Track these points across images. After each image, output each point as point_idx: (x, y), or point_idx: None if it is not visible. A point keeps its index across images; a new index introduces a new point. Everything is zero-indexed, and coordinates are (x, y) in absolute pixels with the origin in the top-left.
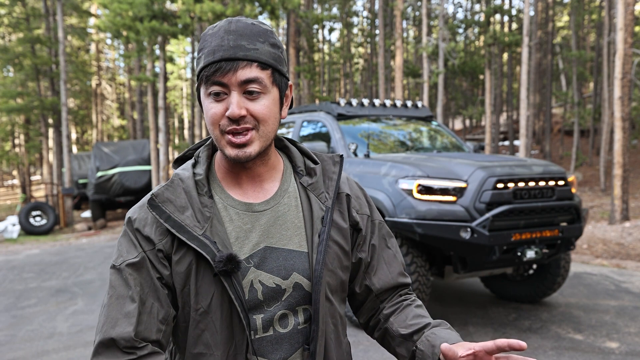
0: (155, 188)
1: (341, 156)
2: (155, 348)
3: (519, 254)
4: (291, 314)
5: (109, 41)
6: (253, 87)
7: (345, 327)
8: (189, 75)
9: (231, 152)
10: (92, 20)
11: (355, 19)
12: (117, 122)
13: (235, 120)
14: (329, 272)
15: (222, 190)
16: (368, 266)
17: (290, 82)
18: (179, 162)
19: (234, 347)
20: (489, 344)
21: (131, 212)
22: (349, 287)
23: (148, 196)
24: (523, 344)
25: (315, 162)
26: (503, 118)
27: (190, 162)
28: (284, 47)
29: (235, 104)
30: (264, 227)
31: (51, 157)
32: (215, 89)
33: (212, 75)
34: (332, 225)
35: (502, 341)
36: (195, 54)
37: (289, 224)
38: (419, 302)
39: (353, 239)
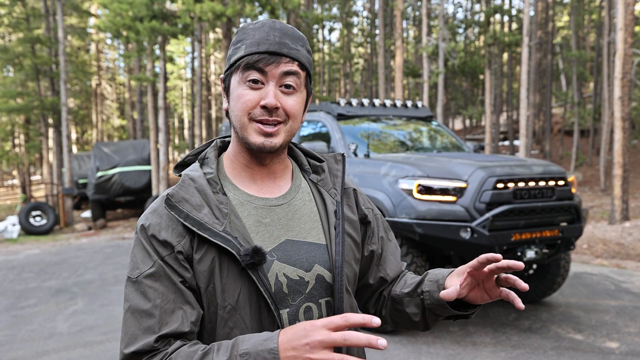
0: (167, 190)
1: (343, 154)
2: (184, 341)
3: (519, 254)
4: (315, 306)
5: (109, 41)
6: (290, 81)
7: None
8: (189, 75)
9: (257, 139)
10: (92, 20)
11: (355, 19)
12: (117, 122)
13: (269, 110)
14: (346, 264)
15: (235, 187)
16: (380, 258)
17: (312, 91)
18: (179, 168)
19: None
20: (473, 262)
21: (143, 220)
22: (361, 280)
23: (160, 200)
24: (498, 256)
25: (320, 161)
26: (503, 118)
27: (195, 164)
28: None
29: (273, 94)
30: (283, 220)
31: (51, 157)
32: (254, 75)
33: (255, 63)
34: (345, 218)
35: (482, 257)
36: (196, 53)
37: (306, 218)
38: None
39: (362, 232)
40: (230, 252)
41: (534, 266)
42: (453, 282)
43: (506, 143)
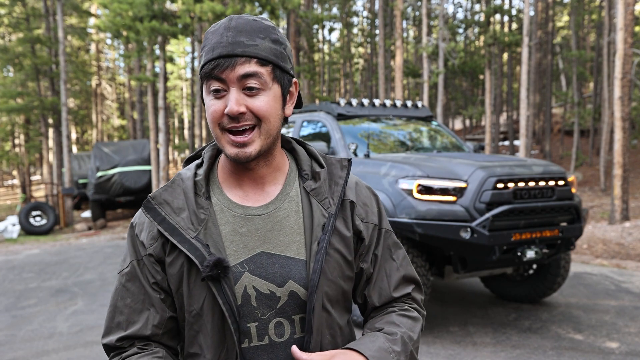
0: (156, 189)
1: (349, 160)
2: (143, 347)
3: (519, 254)
4: (287, 323)
5: (109, 41)
6: (251, 83)
7: (347, 338)
8: (189, 75)
9: (231, 151)
10: (92, 20)
11: (355, 19)
12: (117, 122)
13: (234, 117)
14: (328, 282)
15: (221, 192)
16: (370, 277)
17: (295, 80)
18: (189, 161)
19: (225, 351)
20: None
21: (134, 218)
22: (352, 297)
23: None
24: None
25: (321, 166)
26: (503, 118)
27: (197, 161)
28: (288, 44)
29: (234, 101)
30: (261, 232)
31: (51, 157)
32: (215, 85)
33: (210, 71)
34: (334, 233)
35: None
36: (196, 53)
37: (288, 230)
38: (412, 312)
39: (356, 247)
40: (194, 260)
41: (534, 266)
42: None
43: (506, 143)
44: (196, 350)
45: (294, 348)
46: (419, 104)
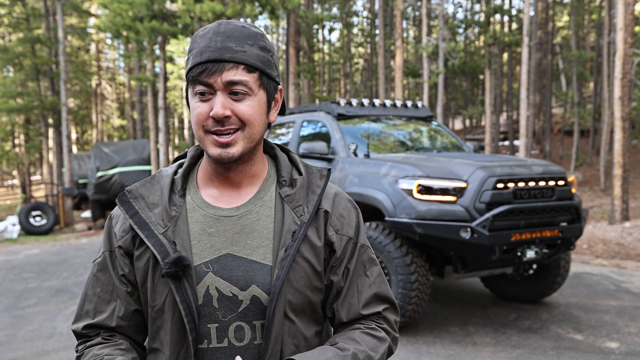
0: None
1: (329, 170)
2: (107, 337)
3: (519, 254)
4: (248, 327)
5: (109, 41)
6: (238, 88)
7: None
8: None
9: (214, 151)
10: (92, 20)
11: (355, 19)
12: (117, 122)
13: (219, 120)
14: (293, 290)
15: (196, 191)
16: (340, 291)
17: (280, 87)
18: (177, 161)
19: (184, 349)
20: None
21: (114, 209)
22: (322, 310)
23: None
24: None
25: (301, 174)
26: (503, 118)
27: (182, 160)
28: (275, 51)
29: (220, 104)
30: (229, 233)
31: (51, 157)
32: (201, 89)
33: (198, 75)
34: (304, 242)
35: None
36: None
37: (256, 234)
38: (379, 332)
39: (327, 259)
40: (157, 255)
41: (534, 266)
42: None
43: (506, 143)
44: (157, 346)
45: (238, 359)
46: (419, 104)
